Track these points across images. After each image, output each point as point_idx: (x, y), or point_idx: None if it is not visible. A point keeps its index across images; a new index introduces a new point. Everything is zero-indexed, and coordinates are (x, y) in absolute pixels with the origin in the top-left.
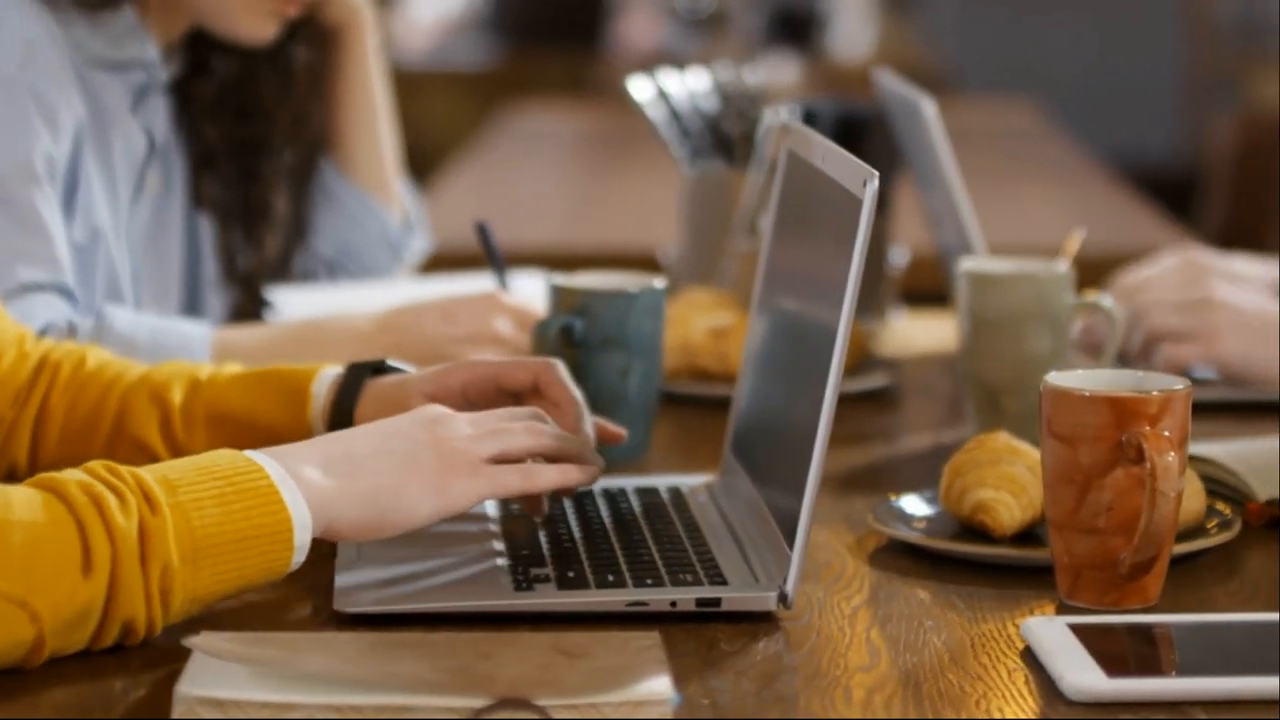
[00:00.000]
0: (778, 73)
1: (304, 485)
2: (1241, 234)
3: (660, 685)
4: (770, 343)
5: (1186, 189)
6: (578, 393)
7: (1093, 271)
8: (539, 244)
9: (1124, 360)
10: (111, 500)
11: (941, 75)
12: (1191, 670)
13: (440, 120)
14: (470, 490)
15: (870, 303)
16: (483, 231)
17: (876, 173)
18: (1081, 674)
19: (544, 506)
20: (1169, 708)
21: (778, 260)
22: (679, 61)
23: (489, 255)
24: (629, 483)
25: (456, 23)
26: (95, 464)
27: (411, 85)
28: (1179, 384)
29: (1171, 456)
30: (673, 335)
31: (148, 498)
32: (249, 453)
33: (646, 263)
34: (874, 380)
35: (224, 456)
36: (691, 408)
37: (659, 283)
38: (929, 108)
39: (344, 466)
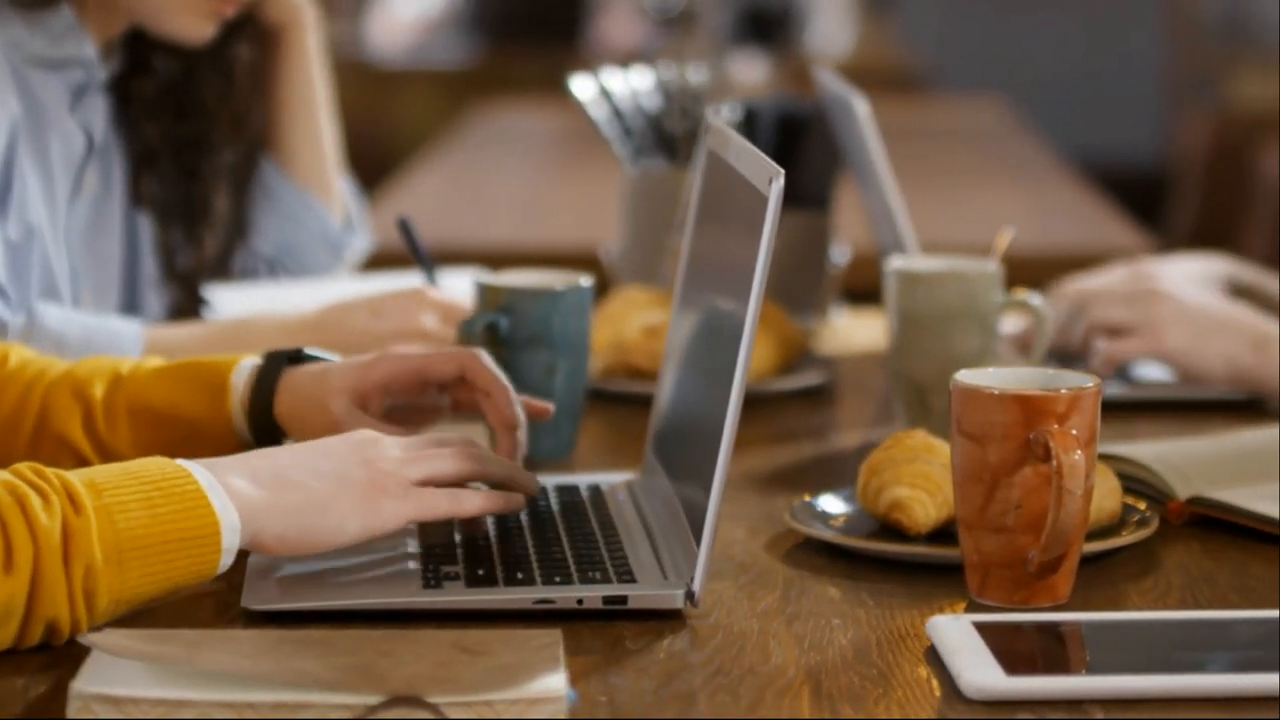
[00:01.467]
0: (746, 71)
1: (232, 494)
2: (1211, 233)
3: (554, 683)
4: (688, 340)
5: (1165, 188)
6: (505, 378)
7: (1046, 270)
8: (494, 242)
9: (1066, 358)
10: (35, 500)
11: (919, 74)
12: (1092, 669)
13: (418, 119)
14: (399, 511)
15: (811, 301)
16: (406, 228)
17: (782, 171)
18: (980, 672)
19: (485, 528)
20: (1068, 706)
21: (697, 257)
22: (656, 60)
23: (414, 252)
24: (550, 481)
25: (435, 21)
26: (21, 465)
27: (390, 84)
28: (1088, 382)
29: (1078, 454)
30: (607, 333)
31: (72, 499)
32: (179, 460)
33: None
34: (809, 378)
35: (153, 462)
36: (624, 406)
37: (585, 281)
38: (861, 106)
39: (272, 480)
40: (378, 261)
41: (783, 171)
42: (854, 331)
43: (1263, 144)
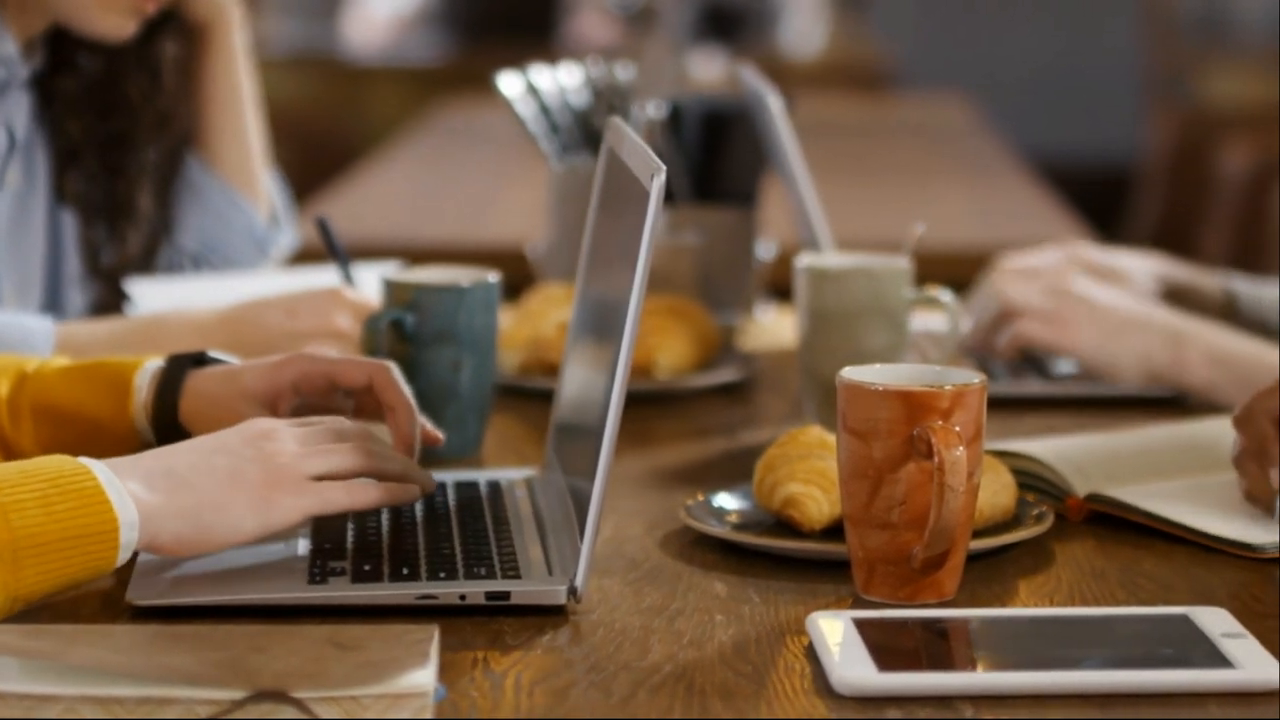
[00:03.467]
0: (706, 68)
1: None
2: (1174, 230)
3: (421, 678)
4: (584, 335)
5: (1133, 186)
6: (411, 397)
7: (986, 265)
8: (440, 239)
9: (985, 358)
10: None
11: (890, 72)
12: (966, 666)
13: (390, 116)
14: (296, 506)
15: (736, 297)
16: (323, 226)
17: (664, 167)
18: (852, 668)
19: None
20: (938, 703)
21: (595, 253)
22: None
23: (331, 250)
24: (450, 477)
25: (410, 19)
26: None
27: (362, 81)
28: (974, 379)
29: (960, 451)
30: (526, 329)
31: None
32: (80, 459)
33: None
34: (725, 374)
35: (50, 460)
36: (540, 402)
37: (492, 277)
38: (775, 103)
39: (166, 482)
40: (308, 257)
41: (664, 167)
42: (779, 328)
43: (1225, 141)
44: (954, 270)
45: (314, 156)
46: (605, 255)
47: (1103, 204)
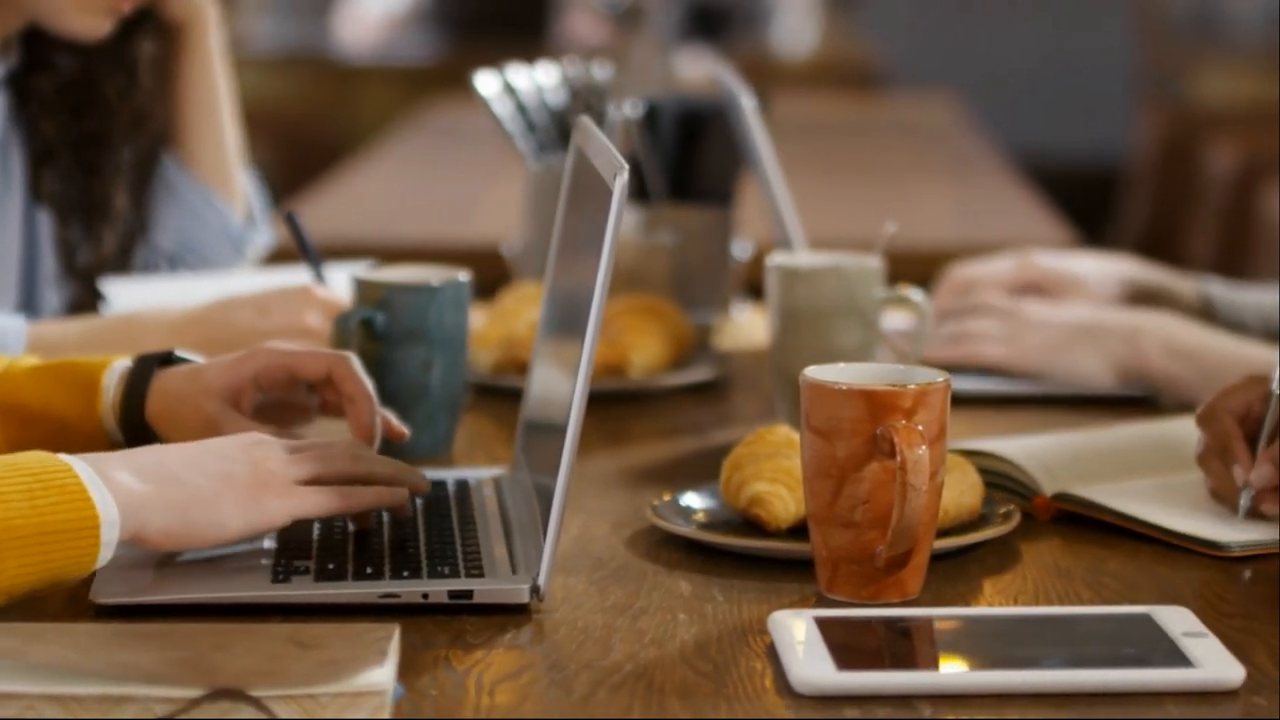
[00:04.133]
0: (693, 67)
1: (114, 488)
2: (1162, 229)
3: (379, 677)
4: (551, 334)
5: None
6: (371, 387)
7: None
8: (420, 238)
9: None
10: None
11: (881, 71)
12: (926, 664)
13: (382, 115)
14: (284, 508)
15: (713, 296)
16: (292, 223)
17: (626, 165)
18: (811, 667)
19: (371, 521)
20: (896, 702)
21: (562, 252)
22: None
23: (301, 248)
24: None
25: (402, 18)
26: None
27: (354, 80)
28: (937, 378)
29: (922, 450)
30: (499, 328)
31: None
32: (61, 455)
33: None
34: (698, 374)
35: (33, 455)
36: (511, 401)
37: (463, 276)
38: (748, 102)
39: (156, 473)
40: (286, 256)
41: (627, 166)
42: (755, 327)
43: (1213, 140)
44: (933, 269)
45: (303, 155)
46: (573, 253)
47: (1095, 203)
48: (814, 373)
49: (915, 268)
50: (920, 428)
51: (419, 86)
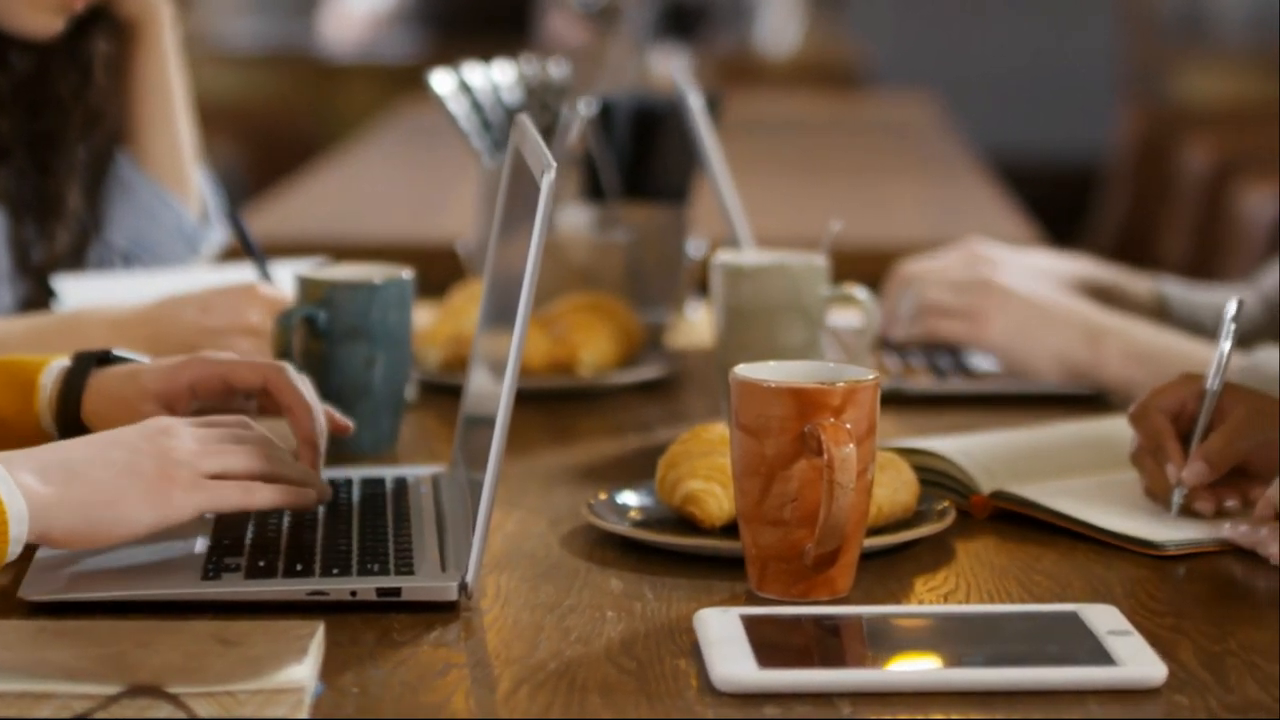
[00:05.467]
0: (668, 66)
1: (22, 490)
2: (1138, 228)
3: (298, 674)
4: (488, 331)
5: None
6: (308, 395)
7: None
8: (382, 235)
9: (900, 349)
10: None
11: (864, 70)
12: (849, 662)
13: (364, 113)
14: (189, 502)
15: (668, 294)
16: (236, 223)
17: (554, 164)
18: (732, 665)
19: (309, 512)
20: (817, 700)
21: (500, 250)
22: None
23: (245, 247)
24: (358, 474)
25: (387, 16)
26: None
27: (336, 78)
28: (867, 376)
29: (849, 448)
30: (448, 326)
31: None
32: None
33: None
34: (647, 372)
35: None
36: (457, 399)
37: (406, 274)
38: (695, 101)
39: (60, 474)
40: (241, 253)
41: (554, 165)
42: (708, 326)
43: (1188, 139)
44: (895, 266)
45: (285, 153)
46: (510, 252)
47: (1081, 202)
48: (743, 371)
49: (878, 265)
50: (848, 426)
51: (401, 85)
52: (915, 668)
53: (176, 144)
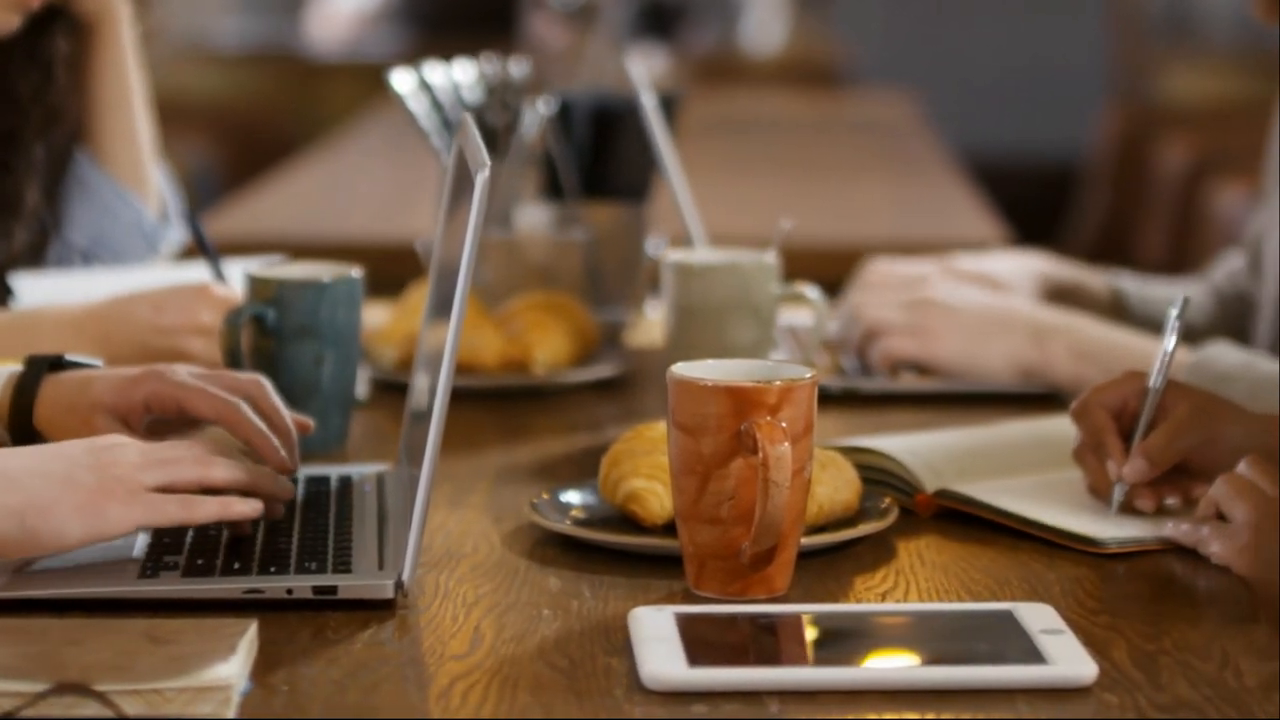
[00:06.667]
0: (646, 65)
1: None
2: (1118, 227)
3: (225, 672)
4: (429, 328)
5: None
6: (263, 424)
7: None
8: (351, 235)
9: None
10: None
11: (852, 70)
12: (780, 661)
13: (348, 111)
14: (126, 517)
15: (626, 293)
16: (193, 223)
17: (488, 162)
18: (661, 663)
19: (247, 528)
20: (745, 698)
21: (443, 248)
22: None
23: (200, 247)
24: (304, 472)
25: (372, 15)
26: None
27: (320, 76)
28: (805, 374)
29: (784, 446)
30: (403, 325)
31: None
32: None
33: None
34: (600, 370)
35: None
36: None
37: (355, 273)
38: (649, 100)
39: None
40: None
41: (488, 163)
42: None
43: (1167, 137)
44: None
45: (268, 151)
46: (449, 252)
47: (1068, 202)
48: (680, 369)
49: (843, 264)
50: (784, 424)
51: (385, 84)
52: (844, 666)
53: (135, 142)
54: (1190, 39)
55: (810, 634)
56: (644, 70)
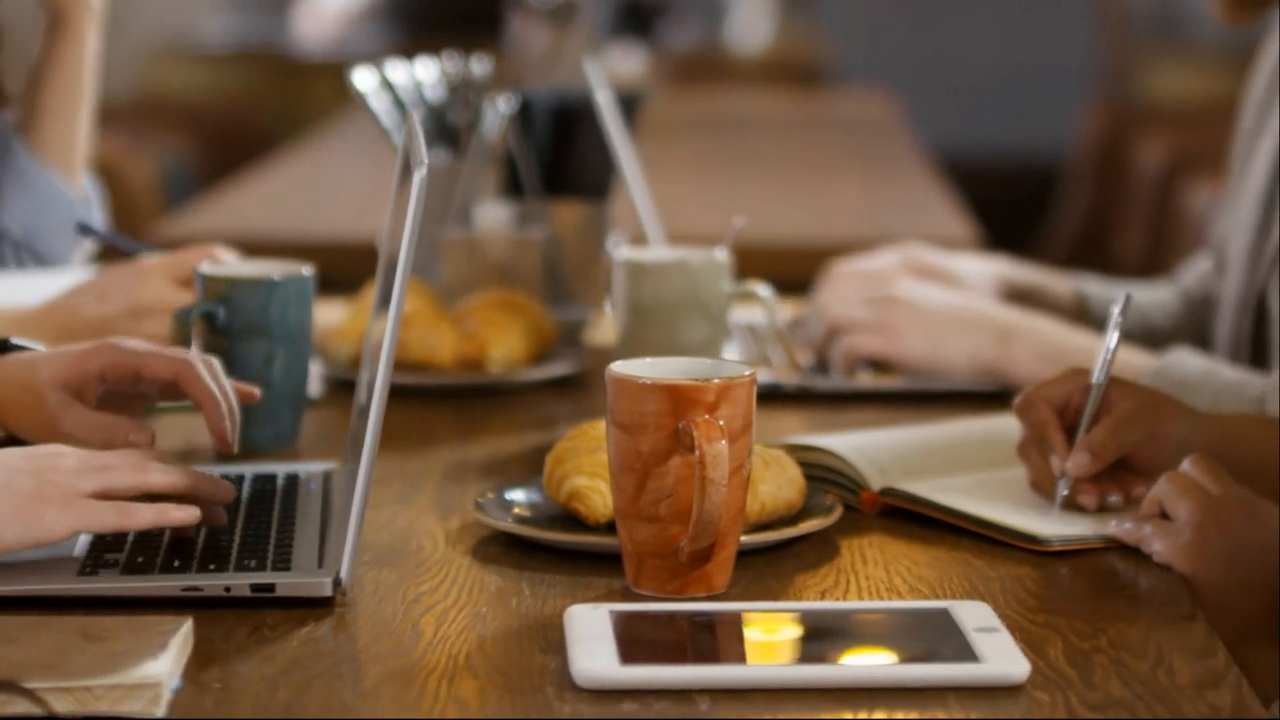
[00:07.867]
0: (623, 63)
1: None
2: (1097, 226)
3: (155, 669)
4: (374, 325)
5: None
6: (216, 389)
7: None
8: (326, 234)
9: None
10: None
11: (837, 69)
12: (713, 658)
13: (332, 109)
14: (61, 522)
15: (587, 291)
16: (86, 230)
17: (425, 161)
18: (593, 661)
19: (190, 531)
20: (676, 696)
21: (390, 245)
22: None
23: (115, 247)
24: (251, 470)
25: (359, 14)
26: None
27: (305, 75)
28: (744, 371)
29: (721, 444)
30: (360, 322)
31: None
32: None
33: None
34: (556, 368)
35: None
36: None
37: (306, 270)
38: (604, 97)
39: None
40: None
41: (425, 162)
42: None
43: (1146, 136)
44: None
45: (251, 149)
46: (397, 244)
47: (1049, 201)
48: (619, 367)
49: (813, 262)
50: (722, 422)
51: None
52: (776, 664)
53: (74, 141)
54: (1177, 38)
55: (745, 632)
56: (601, 69)
